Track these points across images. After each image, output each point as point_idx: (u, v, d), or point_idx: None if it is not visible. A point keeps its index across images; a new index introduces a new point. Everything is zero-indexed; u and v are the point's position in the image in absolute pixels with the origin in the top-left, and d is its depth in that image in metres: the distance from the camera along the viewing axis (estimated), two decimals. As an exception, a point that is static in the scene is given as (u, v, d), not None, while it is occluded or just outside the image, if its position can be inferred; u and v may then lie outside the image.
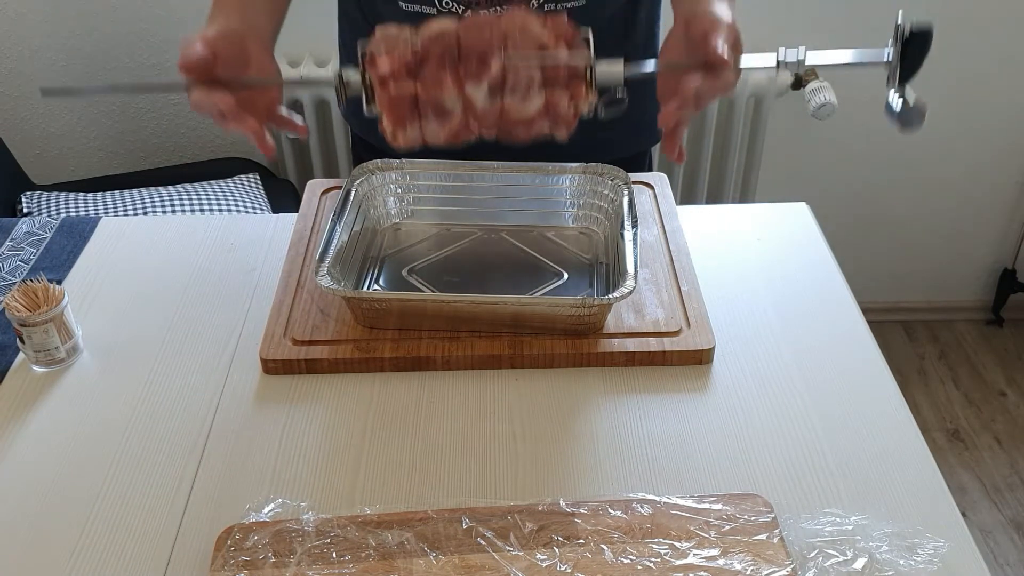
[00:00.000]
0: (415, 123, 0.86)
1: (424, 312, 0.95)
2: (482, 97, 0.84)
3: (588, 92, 0.85)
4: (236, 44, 0.89)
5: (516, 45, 0.83)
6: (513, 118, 0.86)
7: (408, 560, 0.73)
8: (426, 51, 0.83)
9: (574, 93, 0.85)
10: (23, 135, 2.03)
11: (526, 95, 0.84)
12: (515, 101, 0.84)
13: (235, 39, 0.90)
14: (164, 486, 0.82)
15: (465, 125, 0.86)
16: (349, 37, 1.22)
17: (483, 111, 0.85)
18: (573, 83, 0.85)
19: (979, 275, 2.39)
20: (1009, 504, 1.98)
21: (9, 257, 1.13)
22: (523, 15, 0.84)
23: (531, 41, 0.83)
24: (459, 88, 0.84)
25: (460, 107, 0.85)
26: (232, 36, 0.89)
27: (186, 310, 1.03)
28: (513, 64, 0.83)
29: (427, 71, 0.83)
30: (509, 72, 0.83)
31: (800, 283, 1.06)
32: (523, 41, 0.83)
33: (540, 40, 0.83)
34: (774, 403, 0.90)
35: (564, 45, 0.84)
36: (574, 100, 0.85)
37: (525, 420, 0.88)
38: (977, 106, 2.10)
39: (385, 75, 0.84)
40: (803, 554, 0.74)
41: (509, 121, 0.86)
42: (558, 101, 0.85)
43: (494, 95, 0.84)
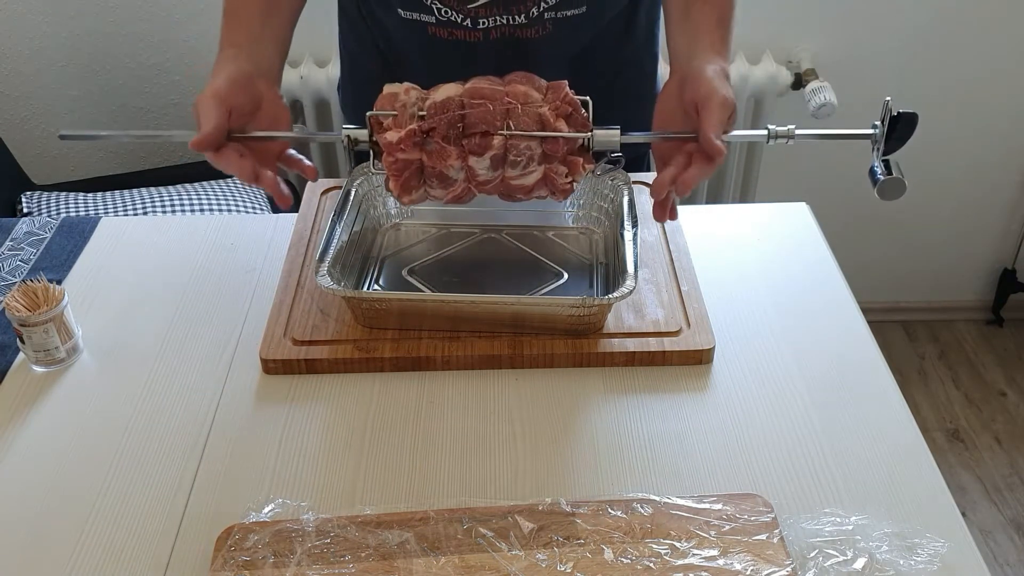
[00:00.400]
0: (420, 187, 0.93)
1: (424, 312, 0.95)
2: (484, 168, 0.90)
3: (584, 163, 0.91)
4: (247, 89, 0.93)
5: (518, 120, 0.88)
6: (513, 186, 0.92)
7: (408, 560, 0.73)
8: (432, 123, 0.89)
9: (571, 167, 0.91)
10: (23, 135, 2.03)
11: (526, 168, 0.91)
12: (515, 173, 0.91)
13: (246, 83, 0.93)
14: (164, 486, 0.82)
15: (467, 190, 0.93)
16: (351, 40, 1.22)
17: (485, 180, 0.91)
18: (570, 157, 0.91)
19: (979, 275, 2.39)
20: (1009, 504, 1.98)
21: (9, 257, 1.13)
22: (525, 88, 0.90)
23: (532, 116, 0.89)
24: (463, 160, 0.90)
25: (463, 176, 0.91)
26: (243, 80, 0.92)
27: (186, 310, 1.03)
28: (514, 141, 0.89)
29: (433, 144, 0.89)
30: (510, 148, 0.89)
31: (800, 283, 1.06)
32: (524, 116, 0.89)
33: (541, 115, 0.89)
34: (774, 403, 0.90)
35: (563, 121, 0.90)
36: (571, 173, 0.92)
37: (525, 420, 0.88)
38: (977, 106, 2.10)
39: (392, 145, 0.89)
40: (803, 554, 0.74)
41: (509, 188, 0.92)
42: (556, 174, 0.91)
43: (496, 167, 0.91)
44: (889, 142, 0.90)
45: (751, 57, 1.98)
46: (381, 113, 0.91)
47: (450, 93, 0.90)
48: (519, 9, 1.04)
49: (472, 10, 1.03)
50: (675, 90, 0.94)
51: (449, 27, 1.05)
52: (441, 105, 0.89)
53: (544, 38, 1.07)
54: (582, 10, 1.06)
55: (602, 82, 1.16)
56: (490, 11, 1.03)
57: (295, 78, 1.91)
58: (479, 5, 1.03)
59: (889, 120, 0.89)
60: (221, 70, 0.93)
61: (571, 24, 1.06)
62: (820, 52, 2.00)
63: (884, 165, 0.90)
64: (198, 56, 1.97)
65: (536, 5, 1.04)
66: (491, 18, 1.04)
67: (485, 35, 1.06)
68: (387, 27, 1.13)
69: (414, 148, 0.89)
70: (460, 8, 1.03)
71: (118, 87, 2.00)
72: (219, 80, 0.91)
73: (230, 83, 0.91)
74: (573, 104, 0.91)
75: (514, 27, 1.05)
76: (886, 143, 0.90)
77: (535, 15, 1.04)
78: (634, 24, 1.16)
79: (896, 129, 0.89)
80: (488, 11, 1.03)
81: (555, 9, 1.04)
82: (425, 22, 1.06)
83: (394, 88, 0.91)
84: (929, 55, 2.01)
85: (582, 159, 0.91)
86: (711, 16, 0.97)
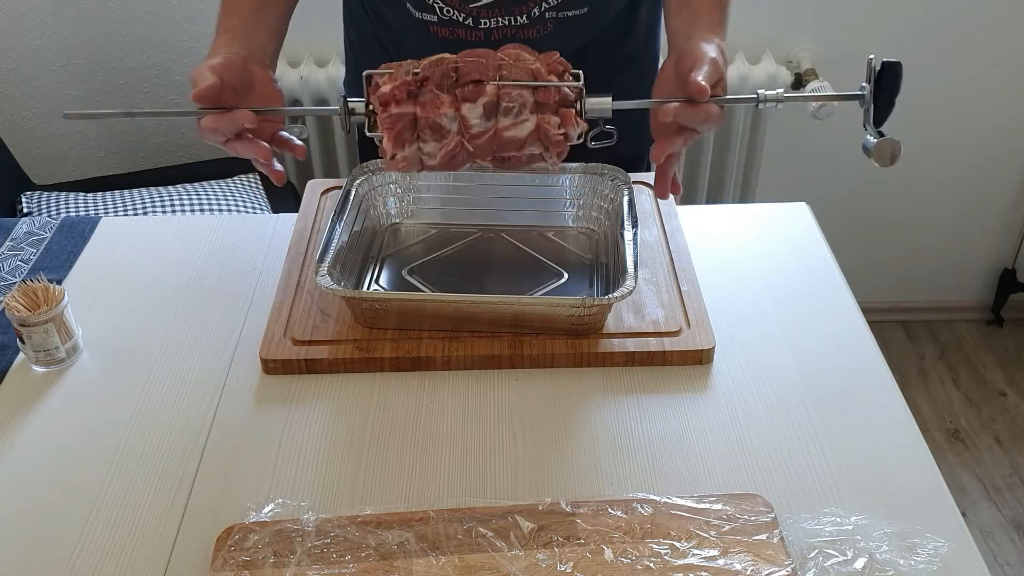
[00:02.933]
0: (413, 143, 0.91)
1: (424, 312, 0.95)
2: (477, 117, 0.89)
3: (577, 119, 0.90)
4: (240, 69, 0.93)
5: (511, 72, 0.88)
6: (506, 139, 0.91)
7: (408, 560, 0.73)
8: (426, 73, 0.88)
9: (564, 118, 0.90)
10: (23, 135, 2.03)
11: (519, 116, 0.89)
12: (508, 121, 0.90)
13: (239, 64, 0.93)
14: (164, 486, 0.82)
15: (460, 145, 0.91)
16: (354, 35, 1.22)
17: (478, 131, 0.90)
18: (563, 109, 0.90)
19: (979, 275, 2.39)
20: (1009, 504, 1.98)
21: (9, 257, 1.13)
22: (518, 51, 0.90)
23: (525, 69, 0.89)
24: (455, 108, 0.89)
25: (456, 128, 0.90)
26: (236, 62, 0.93)
27: (186, 310, 1.03)
28: (507, 88, 0.88)
29: (426, 93, 0.88)
30: (503, 95, 0.88)
31: (800, 283, 1.06)
32: (517, 69, 0.88)
33: (533, 70, 0.89)
34: (774, 403, 0.90)
35: (554, 77, 0.89)
36: (564, 125, 0.90)
37: (525, 420, 0.88)
38: (977, 106, 2.10)
39: (386, 96, 0.89)
40: (803, 554, 0.74)
41: (502, 142, 0.91)
42: (549, 124, 0.90)
43: (488, 116, 0.89)
44: (879, 100, 0.90)
45: (751, 57, 1.98)
46: (377, 72, 0.91)
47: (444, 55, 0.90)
48: (521, 10, 1.04)
49: (474, 10, 1.04)
50: (672, 69, 0.94)
51: (451, 26, 1.06)
52: (435, 61, 0.89)
53: (545, 38, 1.07)
54: (583, 11, 1.06)
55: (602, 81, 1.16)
56: (492, 11, 1.04)
57: (295, 78, 1.91)
58: (481, 5, 1.03)
59: (875, 76, 0.88)
60: (215, 54, 0.94)
61: (572, 24, 1.07)
62: (820, 52, 2.00)
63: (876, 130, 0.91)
64: (198, 56, 1.96)
65: (538, 5, 1.04)
66: (493, 19, 1.04)
67: (487, 35, 1.06)
68: (390, 24, 1.14)
69: (408, 100, 0.89)
70: (462, 8, 1.04)
71: (118, 87, 2.00)
72: (215, 58, 0.92)
73: (223, 62, 0.92)
74: (564, 65, 0.91)
75: (515, 27, 1.05)
76: (876, 103, 0.90)
77: (536, 15, 1.05)
78: (635, 24, 1.16)
79: (883, 83, 0.88)
80: (490, 11, 1.04)
81: (557, 10, 1.05)
82: (427, 21, 1.06)
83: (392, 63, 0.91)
84: (929, 55, 2.01)
85: (575, 111, 0.90)
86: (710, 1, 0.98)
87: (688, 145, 0.92)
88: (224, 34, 0.98)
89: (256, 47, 0.97)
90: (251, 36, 0.98)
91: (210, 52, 0.96)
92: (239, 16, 0.99)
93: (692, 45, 0.92)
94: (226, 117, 0.88)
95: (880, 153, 0.90)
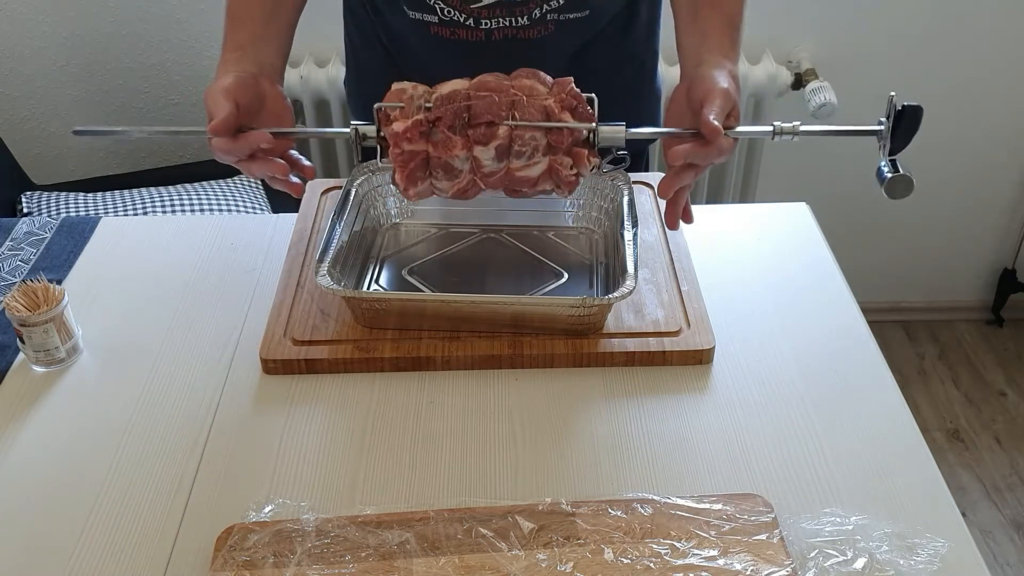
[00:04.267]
0: (426, 180, 0.93)
1: (424, 312, 0.95)
2: (489, 159, 0.90)
3: (590, 156, 0.91)
4: (252, 88, 0.94)
5: (523, 111, 0.89)
6: (518, 178, 0.92)
7: (408, 560, 0.73)
8: (438, 113, 0.89)
9: (576, 158, 0.91)
10: (23, 135, 2.03)
11: (531, 159, 0.90)
12: (520, 163, 0.91)
13: (250, 83, 0.94)
14: (164, 486, 0.82)
15: (473, 183, 0.93)
16: (355, 34, 1.22)
17: (490, 171, 0.91)
18: (575, 149, 0.91)
19: (979, 275, 2.39)
20: (1009, 504, 1.98)
21: (9, 257, 1.13)
22: (531, 82, 0.91)
23: (538, 108, 0.89)
24: (468, 150, 0.90)
25: (468, 167, 0.92)
26: (248, 80, 0.94)
27: (186, 310, 1.03)
28: (519, 131, 0.89)
29: (438, 134, 0.90)
30: (515, 138, 0.89)
31: (800, 283, 1.06)
32: (530, 108, 0.89)
33: (546, 107, 0.89)
34: (774, 403, 0.90)
35: (568, 113, 0.90)
36: (576, 165, 0.91)
37: (525, 420, 0.88)
38: (977, 106, 2.10)
39: (399, 136, 0.90)
40: (803, 554, 0.74)
41: (514, 180, 0.92)
42: (561, 166, 0.91)
43: (501, 157, 0.91)
44: (896, 137, 0.89)
45: (751, 57, 1.98)
46: (388, 105, 0.91)
47: (456, 87, 0.91)
48: (522, 11, 1.04)
49: (475, 11, 1.04)
50: (683, 95, 0.95)
51: (452, 27, 1.06)
52: (447, 97, 0.90)
53: (546, 38, 1.07)
54: (585, 13, 1.06)
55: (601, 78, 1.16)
56: (493, 12, 1.04)
57: (295, 78, 1.91)
58: (482, 6, 1.03)
59: (894, 115, 0.88)
60: (226, 72, 0.95)
61: (573, 25, 1.07)
62: (820, 52, 2.00)
63: (891, 164, 0.90)
64: (198, 56, 1.97)
65: (539, 7, 1.04)
66: (494, 19, 1.04)
67: (487, 35, 1.06)
68: (390, 24, 1.14)
69: (420, 139, 0.90)
70: (463, 8, 1.04)
71: (118, 87, 2.00)
72: (226, 79, 0.93)
73: (237, 81, 0.93)
74: (578, 98, 0.91)
75: (516, 28, 1.05)
76: (893, 139, 0.90)
77: (537, 16, 1.05)
78: (635, 21, 1.16)
79: (901, 123, 0.88)
80: (491, 12, 1.04)
81: (558, 12, 1.05)
82: (428, 21, 1.06)
83: (402, 85, 0.92)
84: (929, 55, 2.01)
85: (587, 151, 0.91)
86: (719, 20, 0.98)
87: (697, 178, 0.93)
88: (233, 50, 0.98)
89: (266, 62, 0.98)
90: (260, 50, 0.99)
91: (219, 69, 0.96)
92: (247, 30, 1.00)
93: (703, 72, 0.92)
94: (240, 140, 0.89)
95: (893, 188, 0.90)
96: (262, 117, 0.95)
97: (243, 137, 0.89)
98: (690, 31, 0.99)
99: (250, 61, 0.96)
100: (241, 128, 0.90)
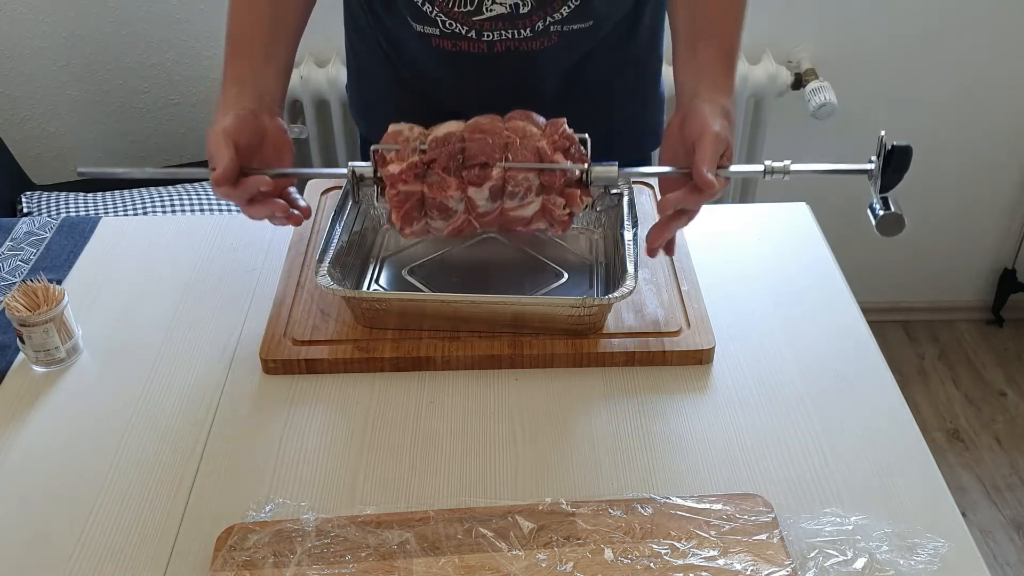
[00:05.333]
0: (421, 219, 0.95)
1: (424, 312, 0.95)
2: (484, 200, 0.93)
3: (582, 195, 0.94)
4: (251, 126, 0.95)
5: (516, 153, 0.91)
6: (511, 217, 0.94)
7: (408, 560, 0.73)
8: (433, 155, 0.91)
9: (569, 199, 0.93)
10: (23, 135, 2.03)
11: (524, 199, 0.93)
12: (514, 204, 0.93)
13: (250, 120, 0.95)
14: (164, 486, 0.82)
15: (467, 222, 0.95)
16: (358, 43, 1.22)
17: (484, 211, 0.94)
18: (568, 189, 0.93)
19: (979, 275, 2.39)
20: (1009, 504, 1.98)
21: (9, 257, 1.13)
22: (524, 123, 0.93)
23: (531, 149, 0.91)
24: (462, 191, 0.92)
25: (463, 207, 0.94)
26: (248, 119, 0.95)
27: (186, 310, 1.03)
28: (512, 172, 0.91)
29: (433, 175, 0.92)
30: (509, 179, 0.91)
31: (800, 283, 1.06)
32: (523, 149, 0.91)
33: (539, 148, 0.91)
34: (774, 403, 0.90)
35: (560, 154, 0.92)
36: (569, 205, 0.94)
37: (525, 420, 0.88)
38: (977, 106, 2.09)
39: (394, 178, 0.92)
40: (803, 554, 0.74)
41: (508, 219, 0.94)
42: (553, 205, 0.93)
43: (495, 198, 0.93)
44: (886, 176, 0.91)
45: (751, 57, 1.98)
46: (385, 147, 0.94)
47: (451, 129, 0.93)
48: (525, 23, 1.03)
49: (477, 23, 1.03)
50: (677, 128, 0.96)
51: (453, 39, 1.05)
52: (442, 139, 0.92)
53: (548, 49, 1.06)
54: (588, 24, 1.05)
55: (604, 84, 1.16)
56: (495, 25, 1.03)
57: (295, 78, 1.91)
58: (485, 19, 1.03)
59: (884, 154, 0.90)
60: (227, 109, 0.96)
61: (576, 36, 1.06)
62: (820, 52, 2.00)
63: (883, 202, 0.92)
64: (198, 56, 1.97)
65: (542, 20, 1.03)
66: (496, 31, 1.04)
67: (489, 47, 1.05)
68: (392, 35, 1.13)
69: (415, 180, 0.92)
70: (465, 21, 1.03)
71: (118, 87, 2.00)
72: (227, 120, 0.94)
73: (237, 121, 0.94)
74: (570, 139, 0.93)
75: (519, 39, 1.05)
76: (883, 177, 0.91)
77: (541, 29, 1.04)
78: (638, 27, 1.16)
79: (892, 162, 0.90)
80: (493, 24, 1.03)
81: (562, 23, 1.04)
82: (429, 34, 1.06)
83: (398, 126, 0.95)
84: (929, 55, 2.01)
85: (580, 191, 0.94)
86: (715, 53, 0.99)
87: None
88: (233, 83, 0.99)
89: (266, 94, 0.99)
90: (260, 82, 0.99)
91: (219, 104, 0.97)
92: (247, 63, 1.00)
93: (697, 107, 0.94)
94: (239, 187, 0.92)
95: (884, 227, 0.92)
96: (263, 152, 0.98)
97: (243, 183, 0.92)
98: (688, 65, 1.00)
99: (250, 96, 0.97)
100: (242, 169, 0.93)
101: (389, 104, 1.22)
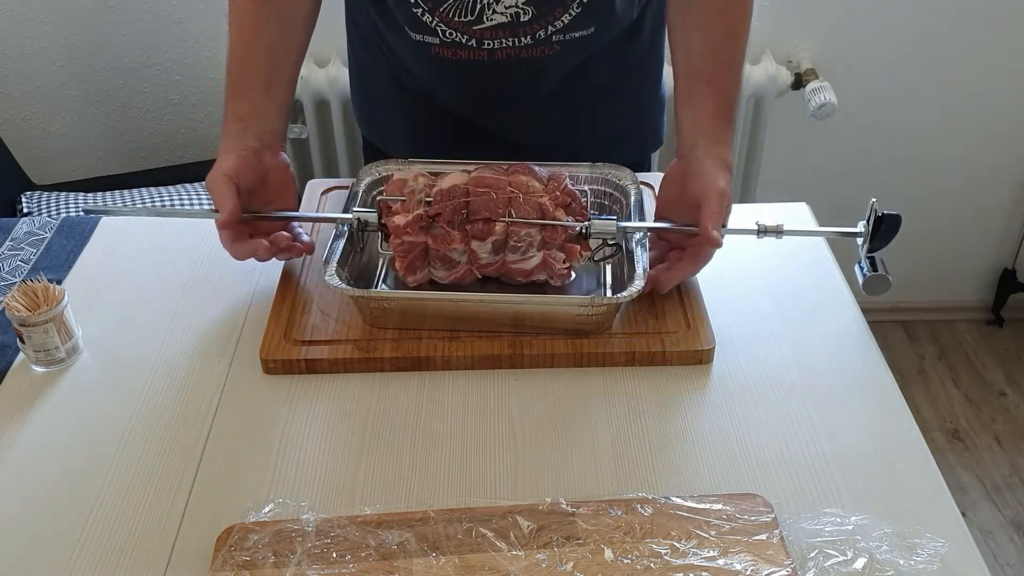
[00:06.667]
0: (424, 268, 0.97)
1: (431, 312, 0.95)
2: (486, 253, 0.95)
3: (582, 250, 0.97)
4: (253, 166, 0.98)
5: (519, 209, 0.94)
6: (513, 269, 0.97)
7: (408, 560, 0.73)
8: (438, 208, 0.94)
9: (569, 253, 0.96)
10: (23, 135, 2.03)
11: (525, 253, 0.95)
12: (515, 257, 0.95)
13: (252, 161, 0.98)
14: (164, 486, 0.82)
15: (469, 272, 0.97)
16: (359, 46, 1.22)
17: (486, 263, 0.96)
18: (568, 244, 0.96)
19: (979, 275, 2.39)
20: (1009, 504, 1.98)
21: (9, 257, 1.13)
22: (527, 178, 0.96)
23: (533, 205, 0.94)
24: (466, 244, 0.95)
25: (466, 259, 0.96)
26: (249, 159, 0.98)
27: (186, 310, 1.03)
28: (515, 227, 0.94)
29: (438, 228, 0.95)
30: (511, 234, 0.94)
31: (800, 283, 1.06)
32: (526, 205, 0.94)
33: (541, 204, 0.94)
34: (774, 403, 0.90)
35: (561, 211, 0.95)
36: (569, 259, 0.96)
37: (525, 420, 0.88)
38: (977, 106, 2.09)
39: (400, 228, 0.95)
40: (803, 554, 0.74)
41: (509, 271, 0.97)
42: (554, 260, 0.96)
43: (497, 251, 0.95)
44: (875, 239, 0.96)
45: (751, 57, 1.98)
46: (390, 199, 0.96)
47: (456, 181, 0.95)
48: (526, 32, 1.03)
49: (478, 32, 1.03)
50: (677, 178, 0.99)
51: (453, 48, 1.05)
52: (447, 192, 0.94)
53: (550, 58, 1.06)
54: (590, 31, 1.05)
55: (605, 85, 1.16)
56: (496, 33, 1.03)
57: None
58: (485, 28, 1.02)
59: (874, 221, 0.95)
60: (229, 149, 0.98)
61: (578, 43, 1.06)
62: (820, 52, 2.00)
63: (870, 262, 0.97)
64: (198, 56, 1.97)
65: (544, 28, 1.03)
66: (497, 40, 1.03)
67: (490, 55, 1.05)
68: (393, 45, 1.13)
69: (420, 232, 0.94)
70: (465, 30, 1.03)
71: (118, 87, 2.00)
72: (228, 161, 0.96)
73: (239, 162, 0.97)
74: (572, 195, 0.96)
75: (520, 47, 1.04)
76: (872, 240, 0.96)
77: (542, 37, 1.04)
78: (639, 31, 1.15)
79: (880, 229, 0.95)
80: (494, 33, 1.03)
81: (563, 32, 1.04)
82: (429, 43, 1.05)
83: (403, 175, 0.97)
84: (929, 55, 2.01)
85: (579, 246, 0.97)
86: (714, 99, 1.00)
87: None
88: (235, 122, 1.00)
89: (267, 130, 1.01)
90: (262, 119, 1.01)
91: (221, 144, 0.99)
92: (248, 100, 1.01)
93: (699, 158, 0.96)
94: (238, 249, 0.96)
95: (870, 287, 0.97)
96: (266, 191, 1.00)
97: (241, 246, 0.96)
98: (686, 107, 1.01)
99: (252, 135, 0.99)
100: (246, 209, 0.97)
101: (392, 107, 1.22)
